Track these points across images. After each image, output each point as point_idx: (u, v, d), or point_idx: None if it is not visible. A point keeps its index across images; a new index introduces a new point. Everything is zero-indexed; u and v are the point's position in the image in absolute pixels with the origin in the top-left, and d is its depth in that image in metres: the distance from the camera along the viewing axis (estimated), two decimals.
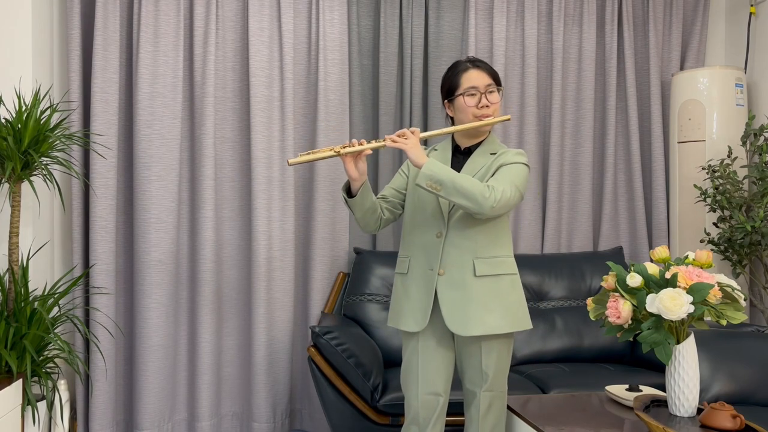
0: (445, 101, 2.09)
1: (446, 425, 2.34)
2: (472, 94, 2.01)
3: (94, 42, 3.02)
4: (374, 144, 1.93)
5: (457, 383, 2.26)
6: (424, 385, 2.04)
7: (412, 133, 1.94)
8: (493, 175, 1.99)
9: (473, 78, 2.02)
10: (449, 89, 2.06)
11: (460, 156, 2.10)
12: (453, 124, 2.11)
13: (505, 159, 2.01)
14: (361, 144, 1.93)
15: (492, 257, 2.00)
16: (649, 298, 1.73)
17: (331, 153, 1.90)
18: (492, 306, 1.97)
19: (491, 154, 2.05)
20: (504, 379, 2.06)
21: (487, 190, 1.87)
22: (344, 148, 1.91)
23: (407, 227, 2.10)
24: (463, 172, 2.04)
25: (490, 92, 2.02)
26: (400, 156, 3.38)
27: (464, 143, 2.10)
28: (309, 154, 1.90)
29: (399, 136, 1.93)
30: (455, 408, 2.41)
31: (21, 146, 2.49)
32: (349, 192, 2.04)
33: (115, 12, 3.06)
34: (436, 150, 2.15)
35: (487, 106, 2.01)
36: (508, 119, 2.07)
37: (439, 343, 2.04)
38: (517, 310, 2.02)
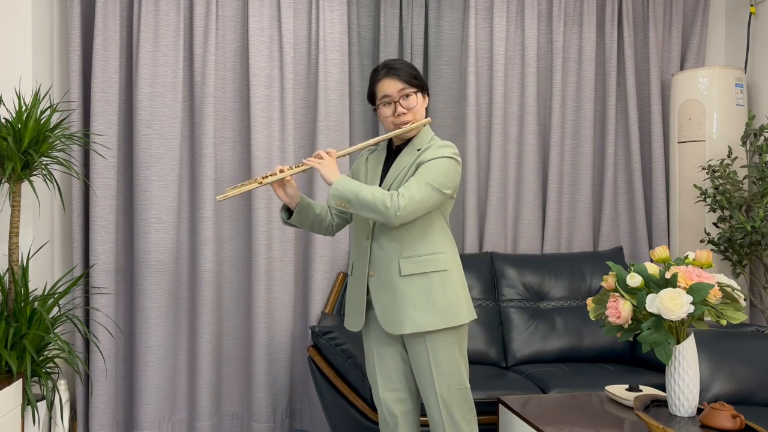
0: (373, 109, 2.12)
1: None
2: (387, 104, 2.03)
3: (94, 42, 3.02)
4: (295, 169, 2.02)
5: None
6: (384, 383, 2.08)
7: (328, 153, 2.00)
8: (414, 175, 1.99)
9: (385, 87, 2.02)
10: (371, 99, 2.09)
11: (392, 156, 2.11)
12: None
13: (426, 155, 1.98)
14: (282, 171, 2.01)
15: (418, 256, 2.00)
16: (649, 298, 1.73)
17: (256, 185, 2.01)
18: (420, 304, 1.97)
19: (417, 150, 2.04)
20: (459, 377, 2.02)
21: (390, 199, 1.88)
22: (265, 178, 2.00)
23: (353, 231, 2.17)
24: (389, 172, 2.05)
25: (406, 97, 2.01)
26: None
27: (396, 143, 2.12)
28: (236, 188, 2.01)
29: (316, 157, 2.00)
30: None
31: (21, 146, 2.49)
32: (289, 212, 2.11)
33: (115, 12, 3.06)
34: (375, 151, 2.17)
35: (403, 113, 2.01)
36: (429, 122, 2.06)
37: (390, 343, 2.08)
38: (447, 306, 1.99)
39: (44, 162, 2.60)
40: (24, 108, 2.55)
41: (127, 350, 3.16)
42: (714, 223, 3.19)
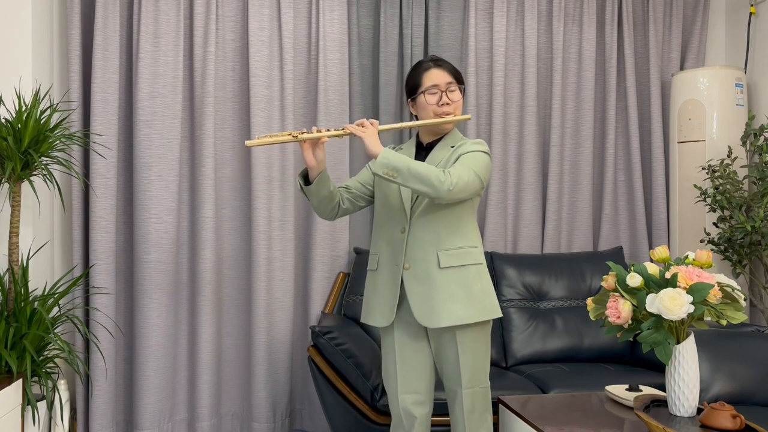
0: (409, 99, 2.13)
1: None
2: (433, 93, 2.05)
3: (94, 42, 3.02)
4: (333, 132, 1.96)
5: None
6: (404, 384, 2.05)
7: (371, 123, 1.97)
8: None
9: (434, 77, 2.05)
10: (412, 87, 2.10)
11: (422, 152, 2.13)
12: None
13: (464, 149, 2.04)
14: (320, 131, 1.95)
15: (456, 248, 2.02)
16: (649, 298, 1.73)
17: (289, 138, 1.92)
18: (458, 296, 1.98)
19: (451, 147, 2.09)
20: (484, 375, 2.06)
21: (443, 174, 1.90)
22: (302, 134, 1.94)
23: (376, 225, 2.14)
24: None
25: (451, 90, 2.06)
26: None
27: (426, 139, 2.14)
28: (268, 137, 1.92)
29: (358, 125, 1.96)
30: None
31: (21, 146, 2.49)
32: (306, 179, 2.06)
33: (115, 12, 3.06)
34: (401, 148, 2.20)
35: (447, 104, 2.05)
36: (468, 118, 2.09)
37: (415, 339, 2.06)
38: (484, 298, 2.02)
39: (44, 162, 2.60)
40: (24, 108, 2.55)
41: (127, 350, 3.16)
42: (714, 223, 3.19)
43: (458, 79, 2.08)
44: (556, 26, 3.46)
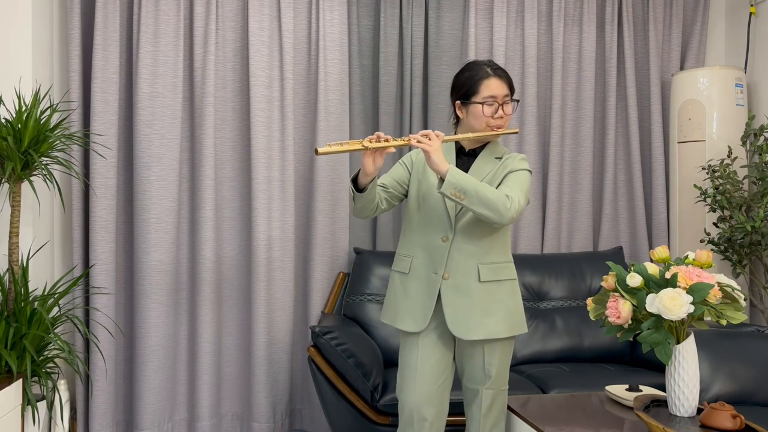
0: (458, 101, 2.08)
1: (447, 425, 2.33)
2: (490, 104, 2.01)
3: (94, 42, 3.02)
4: (399, 142, 1.92)
5: (455, 383, 2.25)
6: (422, 388, 2.02)
7: (437, 135, 1.92)
8: (501, 182, 2.02)
9: (493, 87, 2.01)
10: (467, 93, 2.04)
11: (464, 158, 2.11)
12: (458, 123, 2.12)
13: (512, 165, 2.04)
14: (387, 140, 1.91)
15: (495, 263, 2.03)
16: (649, 298, 1.73)
17: (359, 147, 1.88)
18: (493, 311, 2.00)
19: (496, 158, 2.07)
20: (505, 378, 2.08)
21: (508, 200, 1.89)
22: (371, 142, 1.89)
23: (411, 227, 2.09)
24: (469, 175, 2.03)
25: (506, 103, 2.03)
26: (401, 149, 3.38)
27: (468, 145, 2.11)
28: (339, 145, 1.87)
29: (423, 136, 1.92)
30: (454, 408, 2.41)
31: (21, 146, 2.49)
32: (356, 183, 2.00)
33: (115, 12, 3.06)
34: None
35: (501, 117, 2.03)
36: (516, 131, 2.09)
37: (440, 345, 2.05)
38: (515, 314, 2.05)
39: (44, 162, 2.60)
40: (24, 108, 2.55)
41: (127, 350, 3.16)
42: (714, 223, 3.19)
43: (513, 91, 2.06)
44: (556, 26, 3.46)
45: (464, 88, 2.05)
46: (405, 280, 2.07)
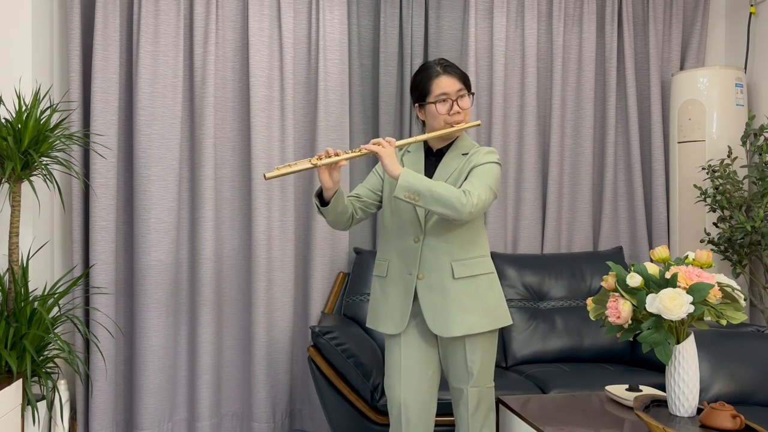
0: (416, 104, 2.10)
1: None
2: (444, 101, 2.02)
3: (94, 42, 3.02)
4: (350, 154, 1.95)
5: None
6: (407, 386, 2.04)
7: (388, 142, 1.95)
8: (466, 178, 2.01)
9: (444, 84, 2.02)
10: (420, 94, 2.07)
11: (432, 158, 2.12)
12: (424, 126, 2.14)
13: (477, 159, 2.03)
14: (337, 154, 1.94)
15: (468, 258, 2.03)
16: (649, 298, 1.73)
17: (309, 165, 1.91)
18: (470, 306, 2.00)
19: (463, 154, 2.08)
20: (490, 374, 2.08)
21: (464, 196, 1.89)
22: (320, 159, 1.93)
23: (386, 231, 2.12)
24: (436, 175, 2.06)
25: (461, 98, 2.04)
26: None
27: (436, 145, 2.13)
28: (286, 166, 1.90)
29: (374, 143, 1.95)
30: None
31: (21, 146, 2.49)
32: (321, 198, 2.04)
33: (115, 12, 3.06)
34: (409, 152, 2.17)
35: (458, 112, 2.03)
36: (479, 124, 2.10)
37: (423, 344, 2.07)
38: (495, 308, 2.05)
39: (44, 162, 2.60)
40: (24, 108, 2.55)
41: (127, 350, 3.16)
42: (714, 223, 3.19)
43: (467, 85, 2.06)
44: (556, 26, 3.46)
45: (418, 90, 2.08)
46: (383, 283, 2.10)
